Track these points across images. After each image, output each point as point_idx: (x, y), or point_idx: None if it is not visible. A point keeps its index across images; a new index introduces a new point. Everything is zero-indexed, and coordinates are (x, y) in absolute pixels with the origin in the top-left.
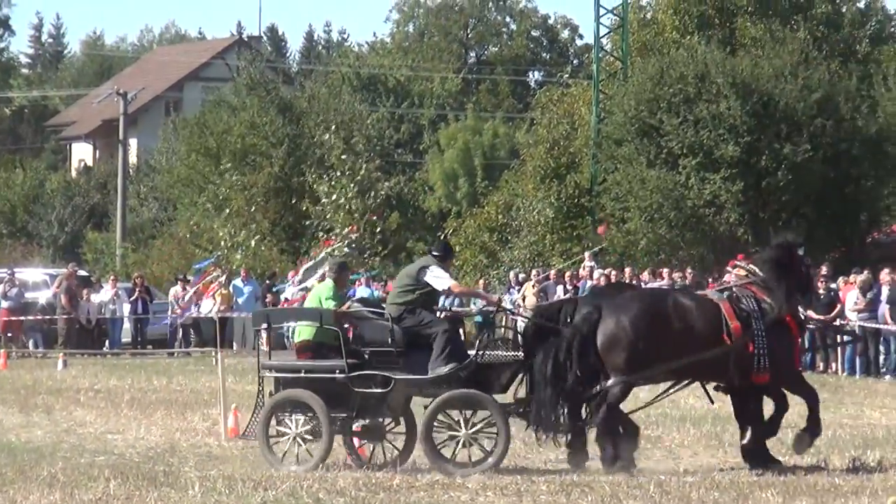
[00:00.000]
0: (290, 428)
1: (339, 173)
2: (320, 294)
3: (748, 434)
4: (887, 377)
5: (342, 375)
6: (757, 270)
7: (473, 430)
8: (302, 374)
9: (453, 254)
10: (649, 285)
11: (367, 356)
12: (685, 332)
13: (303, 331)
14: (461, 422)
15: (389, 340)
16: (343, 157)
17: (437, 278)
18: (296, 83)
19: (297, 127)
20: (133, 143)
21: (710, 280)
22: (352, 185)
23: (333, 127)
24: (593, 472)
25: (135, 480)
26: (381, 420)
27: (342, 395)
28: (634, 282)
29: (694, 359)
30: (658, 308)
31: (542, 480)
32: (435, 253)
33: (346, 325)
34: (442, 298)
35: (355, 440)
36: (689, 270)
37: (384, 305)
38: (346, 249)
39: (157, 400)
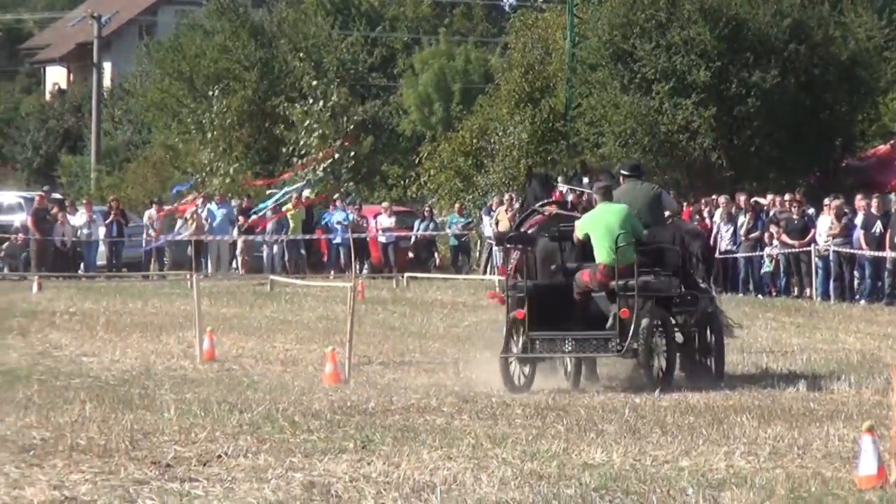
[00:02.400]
0: None
1: (310, 100)
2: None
3: None
4: (861, 302)
5: None
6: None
7: None
8: None
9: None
10: None
11: None
12: None
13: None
14: None
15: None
16: (314, 83)
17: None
18: (266, 7)
19: (269, 51)
20: (107, 66)
21: (685, 205)
22: (324, 110)
23: (301, 54)
24: (568, 396)
25: (110, 403)
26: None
27: None
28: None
29: None
30: None
31: (516, 404)
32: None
33: None
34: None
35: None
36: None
37: None
38: (320, 173)
39: (132, 323)
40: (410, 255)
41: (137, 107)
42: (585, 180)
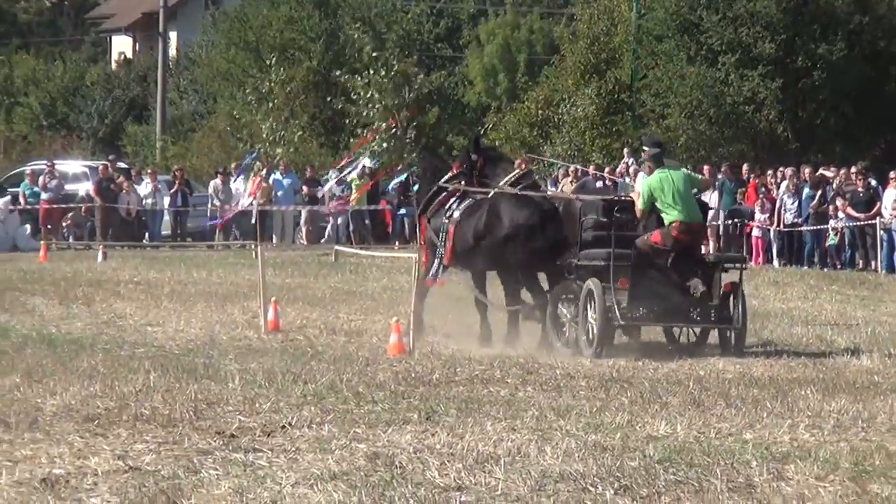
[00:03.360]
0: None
1: (371, 71)
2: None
3: None
4: None
5: None
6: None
7: None
8: None
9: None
10: None
11: None
12: None
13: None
14: None
15: None
16: (374, 54)
17: None
18: None
19: (334, 21)
20: (173, 36)
21: (751, 177)
22: (386, 81)
23: (359, 24)
24: (633, 368)
25: (175, 372)
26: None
27: None
28: None
29: None
30: None
31: (580, 376)
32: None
33: None
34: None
35: None
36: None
37: None
38: (384, 144)
39: (196, 293)
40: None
41: (203, 76)
42: (474, 157)
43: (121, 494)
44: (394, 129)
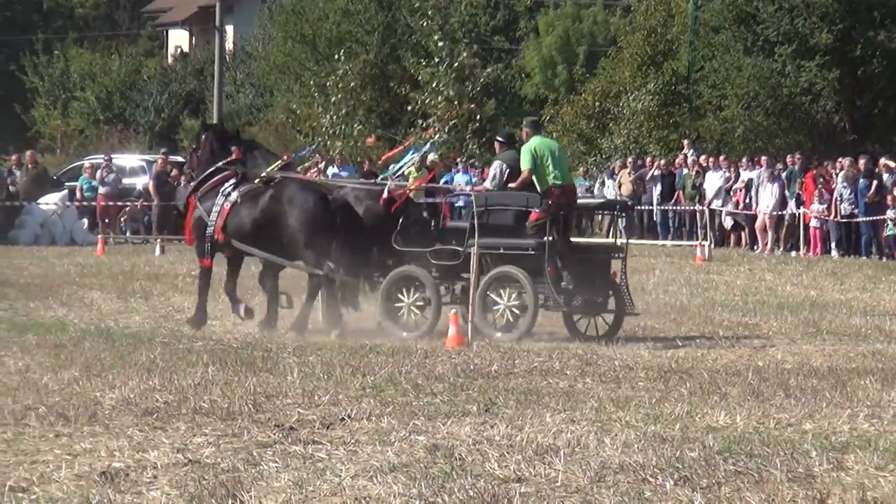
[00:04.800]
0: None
1: (436, 59)
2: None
3: None
4: None
5: None
6: None
7: None
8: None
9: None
10: (747, 173)
11: None
12: None
13: None
14: None
15: None
16: (440, 43)
17: None
18: None
19: (391, 14)
20: (229, 29)
21: (809, 168)
22: (450, 71)
23: (429, 12)
24: (692, 359)
25: (233, 366)
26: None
27: None
28: (730, 169)
29: None
30: None
31: (639, 367)
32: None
33: None
34: None
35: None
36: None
37: None
38: (444, 136)
39: (254, 286)
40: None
41: (259, 70)
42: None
43: (180, 487)
44: (454, 121)
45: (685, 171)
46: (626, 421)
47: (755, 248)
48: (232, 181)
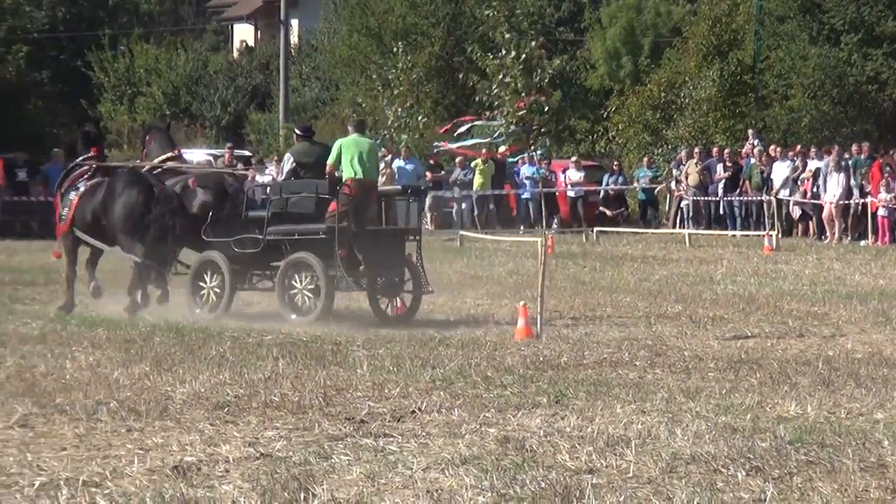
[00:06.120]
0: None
1: (503, 52)
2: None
3: None
4: None
5: None
6: None
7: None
8: None
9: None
10: (814, 162)
11: None
12: None
13: None
14: None
15: None
16: (507, 35)
17: None
18: None
19: (456, 6)
20: (294, 23)
21: (876, 157)
22: (517, 62)
23: (495, 3)
24: (761, 349)
25: (303, 359)
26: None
27: None
28: (798, 158)
29: None
30: None
31: (709, 357)
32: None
33: None
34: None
35: None
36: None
37: None
38: (512, 127)
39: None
40: (607, 211)
41: (325, 63)
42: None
43: (252, 481)
44: (521, 113)
45: (752, 160)
46: (697, 411)
47: (823, 237)
48: (86, 176)
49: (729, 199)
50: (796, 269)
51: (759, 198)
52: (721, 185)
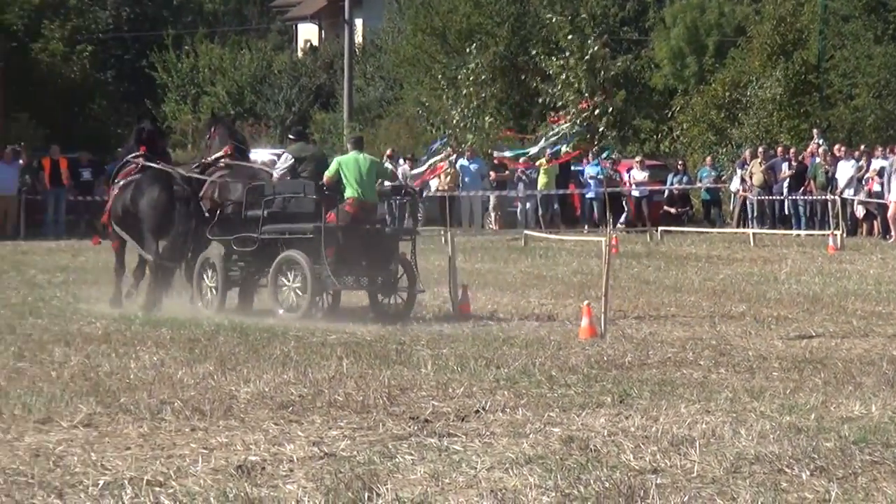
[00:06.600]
0: None
1: (567, 53)
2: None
3: None
4: None
5: None
6: None
7: None
8: None
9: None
10: (878, 161)
11: None
12: None
13: None
14: None
15: None
16: (570, 36)
17: None
18: None
19: (521, 6)
20: (358, 23)
21: None
22: (580, 63)
23: (558, 7)
24: (825, 349)
25: (367, 359)
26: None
27: None
28: (863, 157)
29: None
30: None
31: (773, 357)
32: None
33: None
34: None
35: None
36: None
37: None
38: (577, 127)
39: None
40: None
41: (389, 63)
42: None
43: (316, 480)
44: (586, 113)
45: (817, 160)
46: (761, 411)
47: (887, 236)
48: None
49: (793, 198)
50: (861, 268)
51: (823, 197)
52: (786, 185)
